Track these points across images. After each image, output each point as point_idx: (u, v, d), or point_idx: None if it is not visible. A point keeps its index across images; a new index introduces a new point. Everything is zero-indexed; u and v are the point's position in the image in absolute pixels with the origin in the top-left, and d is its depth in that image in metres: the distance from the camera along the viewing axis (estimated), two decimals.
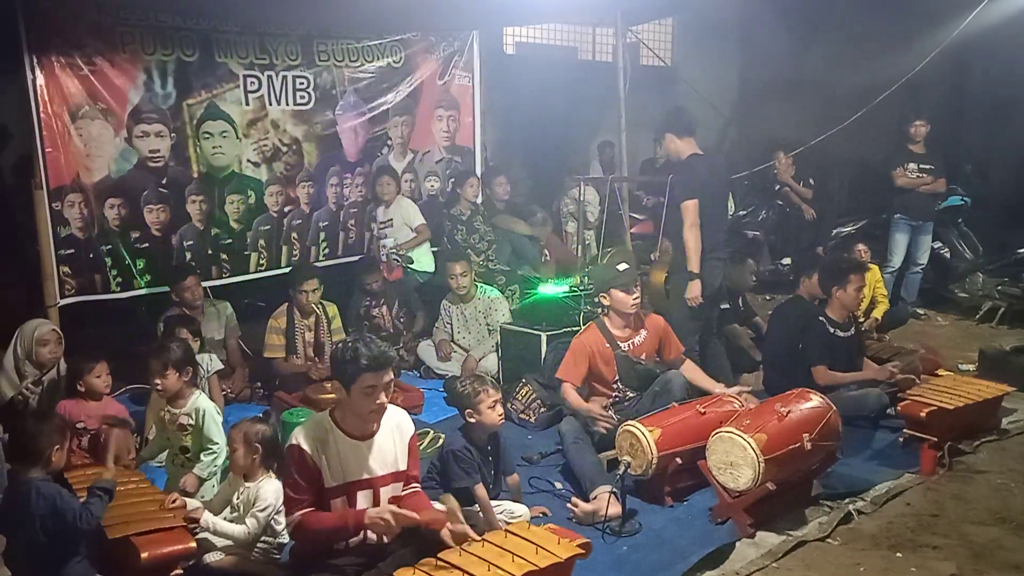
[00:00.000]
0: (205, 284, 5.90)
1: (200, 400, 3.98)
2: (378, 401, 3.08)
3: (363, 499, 3.17)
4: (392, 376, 3.14)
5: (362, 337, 3.16)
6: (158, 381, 3.90)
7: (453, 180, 7.52)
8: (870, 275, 6.29)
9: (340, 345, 3.18)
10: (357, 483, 3.15)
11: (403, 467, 3.25)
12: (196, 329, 5.14)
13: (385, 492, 3.21)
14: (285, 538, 3.49)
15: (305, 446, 3.08)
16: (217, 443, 3.89)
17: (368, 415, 3.13)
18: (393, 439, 3.23)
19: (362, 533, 3.13)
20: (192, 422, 3.89)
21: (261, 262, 6.45)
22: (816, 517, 4.02)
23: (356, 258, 6.93)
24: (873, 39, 9.59)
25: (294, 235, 6.63)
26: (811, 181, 9.13)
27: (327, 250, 6.88)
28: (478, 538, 3.02)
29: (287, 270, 6.42)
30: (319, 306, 5.81)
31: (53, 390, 4.60)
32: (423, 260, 6.97)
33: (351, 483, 3.14)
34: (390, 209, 6.96)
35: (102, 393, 4.25)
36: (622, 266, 4.80)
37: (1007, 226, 8.45)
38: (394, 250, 6.79)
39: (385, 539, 3.10)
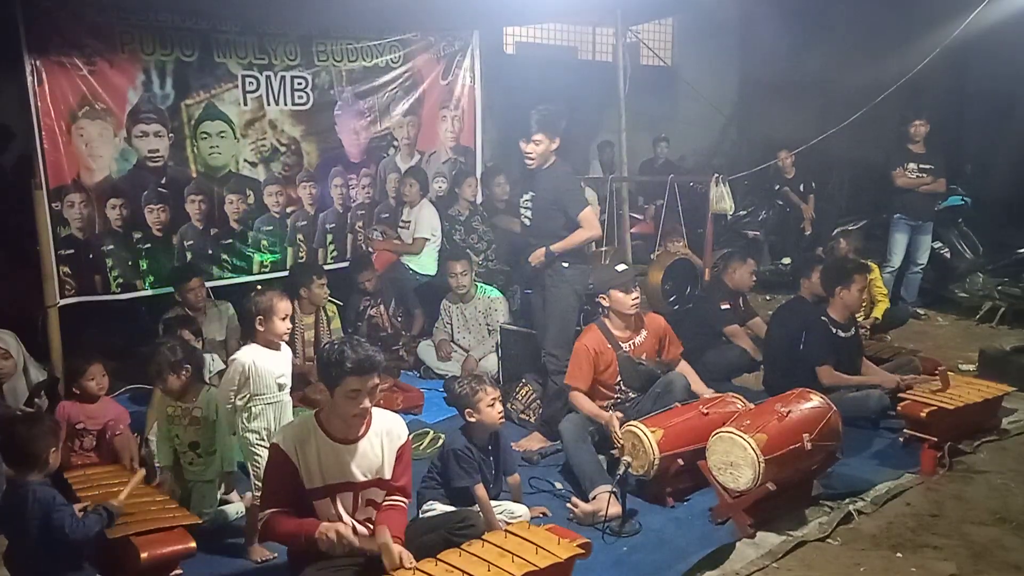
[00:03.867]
0: (206, 284, 5.89)
1: (212, 393, 3.96)
2: (361, 406, 3.03)
3: (343, 502, 3.14)
4: (378, 381, 3.09)
5: (350, 339, 3.13)
6: (159, 384, 3.91)
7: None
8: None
9: (327, 347, 3.13)
10: (336, 486, 3.12)
11: (387, 476, 3.19)
12: (196, 329, 5.13)
13: (366, 496, 3.18)
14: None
15: (284, 446, 3.07)
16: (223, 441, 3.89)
17: (351, 419, 3.09)
18: (381, 445, 3.18)
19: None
20: (205, 415, 3.89)
21: (265, 263, 6.46)
22: (816, 517, 4.03)
23: None
24: (873, 39, 9.61)
25: (300, 236, 6.62)
26: (812, 184, 9.13)
27: (335, 253, 6.88)
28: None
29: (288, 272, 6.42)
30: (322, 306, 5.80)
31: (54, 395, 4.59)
32: (425, 262, 6.96)
33: (331, 485, 3.11)
34: (412, 211, 6.96)
35: (97, 395, 4.24)
36: (621, 267, 4.80)
37: (1007, 226, 8.47)
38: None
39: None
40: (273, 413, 3.77)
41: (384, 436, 3.20)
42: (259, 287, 3.95)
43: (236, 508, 3.96)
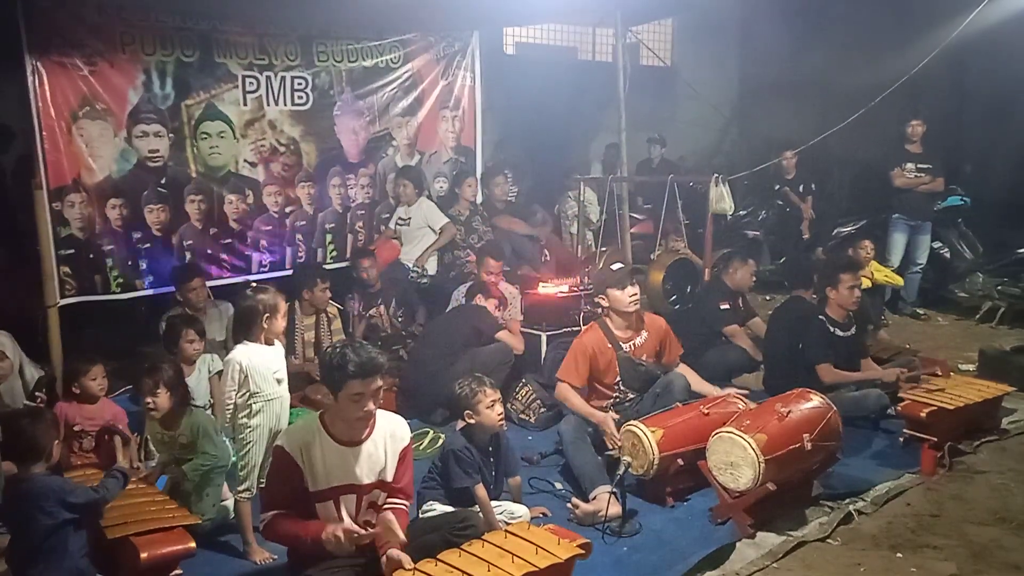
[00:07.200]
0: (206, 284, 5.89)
1: (194, 416, 3.92)
2: (365, 408, 3.03)
3: (347, 505, 3.13)
4: (381, 383, 3.09)
5: (352, 342, 3.13)
6: (149, 400, 3.83)
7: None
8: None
9: (329, 350, 3.15)
10: (340, 488, 3.11)
11: (390, 478, 3.19)
12: (200, 329, 5.13)
13: (369, 499, 3.18)
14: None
15: (288, 448, 3.07)
16: (210, 454, 3.83)
17: (355, 422, 3.09)
18: (385, 447, 3.18)
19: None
20: (189, 439, 3.86)
21: (264, 263, 6.45)
22: (816, 517, 4.03)
23: None
24: (873, 39, 9.59)
25: (299, 236, 6.62)
26: (812, 187, 9.13)
27: (335, 252, 6.88)
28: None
29: (290, 272, 6.41)
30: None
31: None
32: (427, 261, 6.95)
33: (335, 488, 3.11)
34: (411, 208, 6.95)
35: (98, 396, 4.23)
36: (616, 265, 4.81)
37: (1007, 226, 8.46)
38: (415, 270, 6.78)
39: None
40: (273, 409, 3.77)
41: (388, 438, 3.20)
42: (253, 285, 3.98)
43: (229, 504, 3.96)
